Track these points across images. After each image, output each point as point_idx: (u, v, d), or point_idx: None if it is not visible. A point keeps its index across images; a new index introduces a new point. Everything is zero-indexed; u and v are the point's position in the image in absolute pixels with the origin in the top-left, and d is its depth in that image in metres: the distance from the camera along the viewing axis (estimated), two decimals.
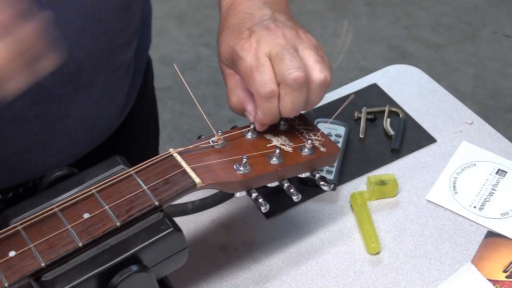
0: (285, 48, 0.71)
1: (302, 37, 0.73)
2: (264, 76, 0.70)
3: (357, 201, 0.85)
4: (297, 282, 0.79)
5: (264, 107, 0.71)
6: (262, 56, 0.71)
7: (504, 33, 2.51)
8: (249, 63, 0.71)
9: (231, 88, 0.75)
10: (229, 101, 0.75)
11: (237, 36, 0.73)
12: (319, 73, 0.71)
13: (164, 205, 0.63)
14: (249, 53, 0.71)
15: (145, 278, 0.60)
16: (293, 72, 0.69)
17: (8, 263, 0.57)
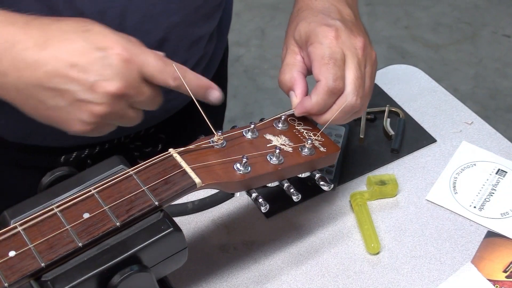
0: (361, 62, 0.75)
1: (370, 52, 0.77)
2: (339, 71, 0.73)
3: (357, 201, 0.85)
4: (297, 282, 0.79)
5: (323, 97, 0.73)
6: (341, 53, 0.74)
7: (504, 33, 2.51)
8: (329, 52, 0.74)
9: (288, 64, 0.78)
10: (281, 76, 0.77)
11: (321, 21, 0.76)
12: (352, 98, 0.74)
13: (164, 205, 0.63)
14: (330, 42, 0.74)
15: (145, 278, 0.60)
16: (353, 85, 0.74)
17: (8, 263, 0.57)
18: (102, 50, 0.63)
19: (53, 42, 0.63)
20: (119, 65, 0.63)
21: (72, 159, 0.88)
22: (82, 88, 0.63)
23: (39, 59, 0.62)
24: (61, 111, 0.64)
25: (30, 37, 0.63)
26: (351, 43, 0.75)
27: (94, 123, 0.65)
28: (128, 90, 0.64)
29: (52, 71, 0.62)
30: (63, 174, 0.65)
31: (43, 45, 0.62)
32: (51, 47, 0.63)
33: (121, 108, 0.65)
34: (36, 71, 0.62)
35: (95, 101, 0.63)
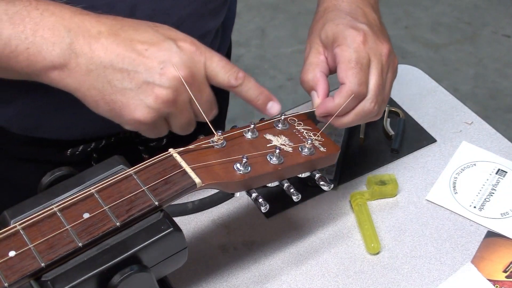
0: (384, 68, 0.76)
1: (393, 59, 0.79)
2: (363, 76, 0.74)
3: (357, 201, 0.85)
4: (297, 282, 0.79)
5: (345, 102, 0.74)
6: (367, 58, 0.75)
7: (504, 33, 2.51)
8: (356, 56, 0.75)
9: (311, 64, 0.78)
10: (304, 75, 0.78)
11: (349, 23, 0.77)
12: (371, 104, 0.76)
13: (164, 205, 0.63)
14: (358, 46, 0.75)
15: (145, 278, 0.60)
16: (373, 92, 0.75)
17: (8, 263, 0.57)
18: (172, 40, 0.66)
19: (126, 30, 0.66)
20: (188, 55, 0.66)
21: (78, 152, 0.88)
22: (152, 71, 0.65)
23: (113, 42, 0.65)
24: (127, 94, 0.65)
25: (104, 24, 0.66)
26: (377, 48, 0.76)
27: (157, 110, 0.65)
28: (193, 81, 0.66)
29: (124, 53, 0.64)
30: (63, 174, 0.65)
31: (117, 32, 0.65)
32: (125, 33, 0.65)
33: (183, 100, 0.66)
34: (108, 52, 0.64)
35: (162, 84, 0.65)
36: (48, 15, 0.65)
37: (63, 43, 0.64)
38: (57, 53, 0.64)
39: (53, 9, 0.65)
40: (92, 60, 0.64)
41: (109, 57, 0.64)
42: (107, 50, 0.64)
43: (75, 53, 0.64)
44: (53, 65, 0.64)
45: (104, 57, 0.64)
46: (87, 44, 0.64)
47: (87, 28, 0.65)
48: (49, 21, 0.64)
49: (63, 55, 0.64)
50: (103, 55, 0.64)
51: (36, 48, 0.64)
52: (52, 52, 0.64)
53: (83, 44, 0.64)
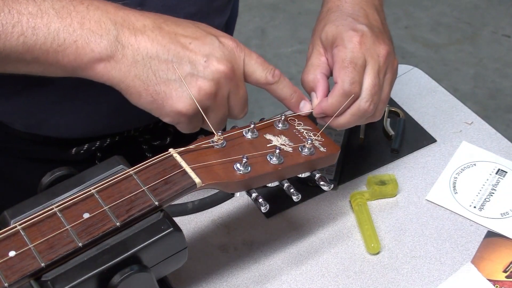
0: (381, 69, 0.77)
1: (393, 60, 0.79)
2: (356, 76, 0.75)
3: (357, 201, 0.85)
4: (297, 282, 0.79)
5: (337, 99, 0.75)
6: (362, 58, 0.76)
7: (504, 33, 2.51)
8: (350, 56, 0.75)
9: (312, 65, 0.79)
10: (305, 76, 0.79)
11: (349, 25, 0.78)
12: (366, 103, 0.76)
13: (164, 205, 0.63)
14: (354, 47, 0.76)
15: (145, 278, 0.60)
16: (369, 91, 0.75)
17: (8, 263, 0.57)
18: (215, 36, 0.69)
19: (170, 24, 0.68)
20: (229, 50, 0.69)
21: (83, 151, 0.89)
22: (196, 63, 0.67)
23: (158, 34, 0.67)
24: (171, 85, 0.67)
25: (148, 18, 0.68)
26: (374, 49, 0.76)
27: (199, 102, 0.67)
28: (233, 76, 0.68)
29: (170, 45, 0.67)
30: (63, 174, 0.65)
31: (161, 26, 0.68)
32: (168, 27, 0.68)
33: (223, 94, 0.68)
34: (154, 44, 0.66)
35: (206, 76, 0.67)
36: (93, 9, 0.66)
37: (110, 35, 0.66)
38: (105, 45, 0.65)
39: (98, 3, 0.67)
40: (138, 51, 0.66)
41: (155, 48, 0.66)
42: (153, 41, 0.66)
43: (122, 44, 0.66)
44: (100, 57, 0.66)
45: (150, 48, 0.66)
46: (133, 36, 0.66)
47: (132, 21, 0.67)
48: (95, 14, 0.66)
49: (110, 47, 0.66)
50: (150, 46, 0.66)
51: (84, 41, 0.65)
52: (100, 44, 0.65)
53: (129, 36, 0.66)
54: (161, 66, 0.67)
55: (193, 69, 0.67)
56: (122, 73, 0.66)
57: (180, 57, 0.67)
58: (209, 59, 0.67)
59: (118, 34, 0.66)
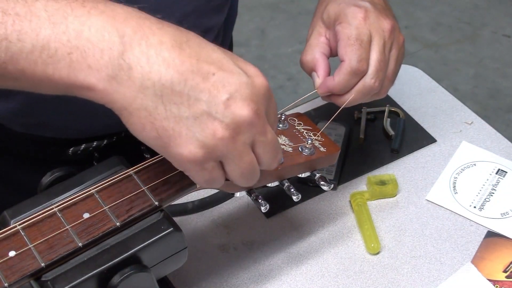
0: (386, 44, 0.75)
1: (398, 36, 0.78)
2: (364, 53, 0.74)
3: (357, 201, 0.85)
4: (297, 282, 0.79)
5: (345, 78, 0.74)
6: (368, 34, 0.74)
7: (504, 33, 2.51)
8: (355, 33, 0.74)
9: (311, 45, 0.78)
10: (303, 57, 0.78)
11: (351, 2, 0.77)
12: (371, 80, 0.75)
13: (164, 205, 0.63)
14: (358, 23, 0.74)
15: (145, 278, 0.60)
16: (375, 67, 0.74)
17: (8, 263, 0.57)
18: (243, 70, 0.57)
19: (192, 45, 0.56)
20: (259, 90, 0.57)
21: (80, 151, 0.87)
22: (215, 101, 0.55)
23: (177, 57, 0.55)
24: (181, 124, 0.55)
25: (167, 33, 0.56)
26: (379, 24, 0.75)
27: (210, 148, 0.56)
28: (258, 120, 0.57)
29: (188, 74, 0.55)
30: (63, 174, 0.65)
31: (182, 45, 0.55)
32: (190, 49, 0.56)
33: (245, 141, 0.57)
34: (170, 69, 0.54)
35: (223, 120, 0.55)
36: (97, 14, 0.55)
37: (113, 50, 0.54)
38: (105, 62, 0.54)
39: (104, 7, 0.55)
40: (149, 76, 0.54)
41: (170, 75, 0.54)
42: (169, 66, 0.54)
43: (128, 64, 0.54)
44: (99, 77, 0.54)
45: (164, 75, 0.54)
46: (144, 55, 0.54)
47: (146, 35, 0.55)
48: (97, 21, 0.54)
49: (112, 65, 0.54)
50: (164, 71, 0.54)
51: (80, 54, 0.54)
52: (100, 60, 0.54)
53: (139, 55, 0.54)
54: (174, 98, 0.54)
55: (211, 108, 0.55)
56: (126, 98, 0.55)
57: (198, 91, 0.55)
58: (232, 97, 0.55)
59: (125, 51, 0.54)
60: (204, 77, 0.55)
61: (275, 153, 0.61)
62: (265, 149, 0.59)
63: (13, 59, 0.54)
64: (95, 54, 0.54)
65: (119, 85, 0.54)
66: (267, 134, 0.59)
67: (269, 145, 0.59)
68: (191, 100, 0.55)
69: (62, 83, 0.55)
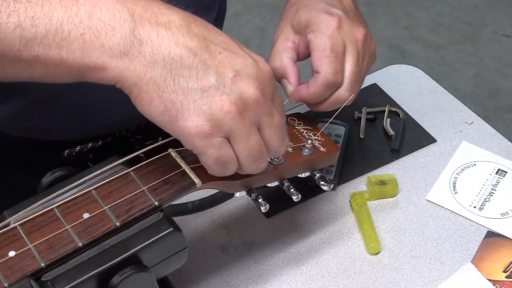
0: (360, 55, 0.74)
1: (370, 44, 0.76)
2: (339, 65, 0.72)
3: (357, 201, 0.85)
4: (297, 282, 0.79)
5: (320, 90, 0.73)
6: (342, 45, 0.73)
7: (504, 33, 2.51)
8: (330, 44, 0.72)
9: (277, 51, 0.76)
10: (271, 63, 0.76)
11: (323, 9, 0.75)
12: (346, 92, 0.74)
13: (164, 205, 0.63)
14: (332, 33, 0.73)
15: (145, 278, 0.60)
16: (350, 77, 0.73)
17: (8, 263, 0.57)
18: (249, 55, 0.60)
19: (199, 26, 0.59)
20: (263, 72, 0.59)
21: (75, 153, 0.87)
22: (223, 76, 0.57)
23: (185, 34, 0.57)
24: (189, 96, 0.56)
25: (176, 13, 0.58)
26: (352, 34, 0.74)
27: (217, 122, 0.57)
28: (264, 100, 0.58)
29: (197, 50, 0.57)
30: (63, 174, 0.65)
31: (190, 25, 0.58)
32: (198, 28, 0.58)
33: (251, 119, 0.58)
34: (180, 44, 0.57)
35: (232, 93, 0.57)
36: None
37: (124, 27, 0.56)
38: (118, 39, 0.56)
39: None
40: (159, 50, 0.56)
41: (179, 49, 0.56)
42: (178, 41, 0.56)
43: (139, 40, 0.56)
44: (112, 53, 0.56)
45: (174, 49, 0.56)
46: (154, 31, 0.56)
47: (155, 13, 0.57)
48: (108, 1, 0.56)
49: (124, 42, 0.56)
50: (174, 46, 0.56)
51: (92, 34, 0.55)
52: (112, 38, 0.55)
53: (150, 31, 0.56)
54: (183, 71, 0.56)
55: (219, 82, 0.57)
56: (136, 73, 0.56)
57: (207, 66, 0.57)
58: (238, 74, 0.58)
59: (136, 27, 0.56)
60: (212, 55, 0.57)
61: (282, 137, 0.62)
62: (272, 131, 0.60)
63: (27, 45, 0.55)
64: (107, 33, 0.55)
65: (130, 61, 0.56)
66: (274, 116, 0.60)
67: (276, 128, 0.60)
68: (200, 73, 0.57)
69: (76, 65, 0.56)
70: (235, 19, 2.53)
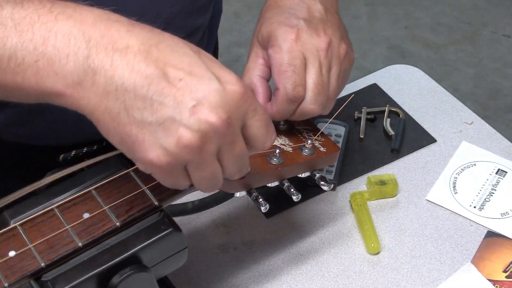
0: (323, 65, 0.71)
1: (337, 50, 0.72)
2: (298, 79, 0.70)
3: (357, 201, 0.85)
4: (297, 282, 0.79)
5: (283, 106, 0.71)
6: (301, 57, 0.70)
7: (504, 33, 2.51)
8: (287, 58, 0.70)
9: (248, 69, 0.74)
10: None
11: (284, 21, 0.72)
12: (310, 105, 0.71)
13: (164, 205, 0.63)
14: (290, 46, 0.70)
15: (145, 278, 0.60)
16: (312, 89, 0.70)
17: (8, 263, 0.57)
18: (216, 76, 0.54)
19: (162, 49, 0.54)
20: (231, 97, 0.54)
21: (70, 157, 0.87)
22: (181, 107, 0.53)
23: (142, 61, 0.53)
24: (145, 129, 0.53)
25: (136, 36, 0.54)
26: (312, 44, 0.71)
27: (175, 155, 0.54)
28: (227, 129, 0.54)
29: (153, 78, 0.53)
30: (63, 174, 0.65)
31: (150, 49, 0.54)
32: (159, 52, 0.54)
33: (210, 150, 0.55)
34: (134, 73, 0.53)
35: (190, 126, 0.53)
36: (64, 19, 0.54)
37: (78, 55, 0.53)
38: (71, 68, 0.53)
39: (72, 12, 0.55)
40: (112, 80, 0.53)
41: (133, 79, 0.53)
42: (132, 70, 0.53)
43: (93, 69, 0.53)
44: (65, 83, 0.54)
45: (127, 78, 0.53)
46: (109, 59, 0.53)
47: (113, 38, 0.54)
48: (64, 26, 0.54)
49: (77, 71, 0.53)
50: (127, 75, 0.53)
51: (46, 61, 0.53)
52: (66, 66, 0.53)
53: (104, 59, 0.53)
54: (136, 102, 0.53)
55: (176, 114, 0.53)
56: (91, 104, 0.54)
57: (163, 96, 0.53)
58: (199, 104, 0.53)
59: (90, 55, 0.53)
60: (170, 82, 0.53)
61: (240, 167, 0.59)
62: (231, 160, 0.57)
63: None
64: (61, 60, 0.53)
65: (84, 90, 0.54)
66: (235, 146, 0.56)
67: (235, 158, 0.57)
68: (155, 105, 0.53)
69: (33, 91, 0.55)
70: (235, 19, 2.53)
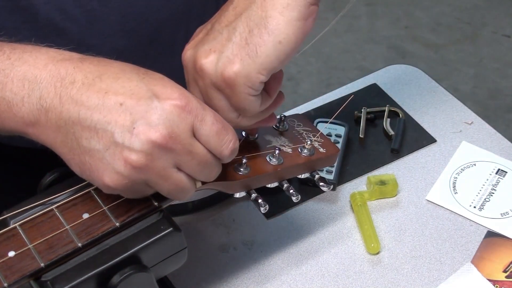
0: None
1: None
2: None
3: (357, 201, 0.85)
4: (297, 282, 0.79)
5: None
6: None
7: (504, 33, 2.51)
8: None
9: None
10: None
11: None
12: None
13: (163, 205, 0.63)
14: None
15: (145, 278, 0.60)
16: None
17: (7, 263, 0.57)
18: (155, 95, 0.57)
19: (105, 78, 0.57)
20: (171, 112, 0.56)
21: None
22: (121, 130, 0.56)
23: (84, 93, 0.57)
24: (95, 156, 0.57)
25: (81, 71, 0.58)
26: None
27: (128, 177, 0.57)
28: (174, 143, 0.56)
29: (94, 108, 0.56)
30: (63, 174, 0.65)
31: (93, 81, 0.57)
32: (102, 82, 0.57)
33: (163, 165, 0.57)
34: (78, 106, 0.56)
35: (133, 147, 0.56)
36: (20, 64, 0.58)
37: (32, 97, 0.57)
38: (27, 109, 0.58)
39: (28, 57, 0.59)
40: (61, 115, 0.57)
41: (77, 111, 0.56)
42: (76, 103, 0.56)
43: (45, 108, 0.57)
44: (24, 123, 0.58)
45: (72, 112, 0.56)
46: (57, 96, 0.57)
47: (62, 76, 0.57)
48: (19, 71, 0.58)
49: (32, 112, 0.58)
50: (72, 109, 0.56)
51: (6, 104, 0.58)
52: (22, 108, 0.58)
53: (54, 97, 0.57)
54: (84, 133, 0.56)
55: (119, 137, 0.55)
56: (50, 139, 0.58)
57: (105, 123, 0.56)
58: (139, 125, 0.55)
59: (42, 95, 0.57)
60: (111, 109, 0.56)
61: (208, 173, 0.61)
62: (195, 169, 0.59)
63: None
64: (18, 103, 0.58)
65: (42, 128, 0.58)
66: (194, 155, 0.58)
67: (199, 166, 0.59)
68: (100, 132, 0.56)
69: (3, 128, 0.60)
70: None
